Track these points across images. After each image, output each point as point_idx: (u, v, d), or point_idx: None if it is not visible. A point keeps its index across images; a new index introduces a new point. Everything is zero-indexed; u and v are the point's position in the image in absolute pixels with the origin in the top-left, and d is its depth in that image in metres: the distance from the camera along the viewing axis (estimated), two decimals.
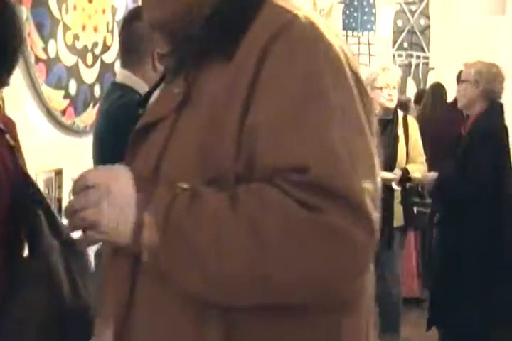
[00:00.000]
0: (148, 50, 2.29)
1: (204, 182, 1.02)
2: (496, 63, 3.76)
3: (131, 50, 2.32)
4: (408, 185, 4.08)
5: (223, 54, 1.08)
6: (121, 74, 2.36)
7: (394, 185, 3.92)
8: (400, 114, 4.14)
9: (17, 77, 2.93)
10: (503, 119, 3.62)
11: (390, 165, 3.96)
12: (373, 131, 1.08)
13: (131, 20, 2.34)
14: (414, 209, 4.15)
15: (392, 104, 4.00)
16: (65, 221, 3.36)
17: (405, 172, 4.02)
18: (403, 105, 5.22)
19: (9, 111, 2.83)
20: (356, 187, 0.98)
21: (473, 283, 3.47)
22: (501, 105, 3.64)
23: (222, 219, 0.98)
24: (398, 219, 4.01)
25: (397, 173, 3.95)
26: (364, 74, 4.22)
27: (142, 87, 2.30)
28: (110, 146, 2.23)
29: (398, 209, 4.02)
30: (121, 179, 1.04)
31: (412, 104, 6.40)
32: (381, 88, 3.95)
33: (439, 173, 3.81)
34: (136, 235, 1.00)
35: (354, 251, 0.97)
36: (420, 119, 6.11)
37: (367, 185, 0.99)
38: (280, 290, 0.98)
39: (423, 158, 4.12)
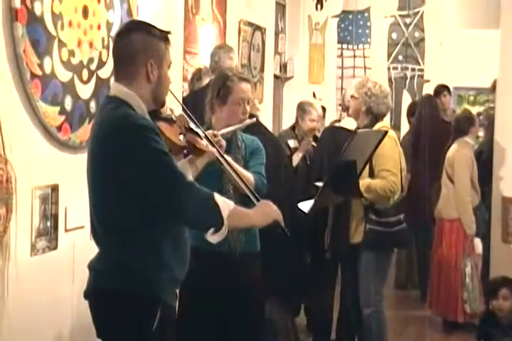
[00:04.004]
0: (143, 61, 2.32)
1: None
2: None
3: (126, 62, 2.34)
4: (365, 200, 3.86)
5: None
6: (114, 87, 2.37)
7: None
8: (376, 127, 4.08)
9: (13, 93, 2.94)
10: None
11: None
12: None
13: (126, 33, 2.36)
14: (367, 227, 3.87)
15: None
16: (63, 234, 3.35)
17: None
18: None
19: (5, 127, 2.84)
20: None
21: None
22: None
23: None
24: (357, 235, 3.90)
25: None
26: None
27: (135, 100, 2.32)
28: (108, 155, 2.24)
29: (357, 225, 3.90)
30: None
31: None
32: None
33: None
34: None
35: None
36: (414, 131, 6.15)
37: None
38: None
39: (386, 172, 3.87)
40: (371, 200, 3.88)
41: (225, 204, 2.27)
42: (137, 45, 2.32)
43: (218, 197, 2.28)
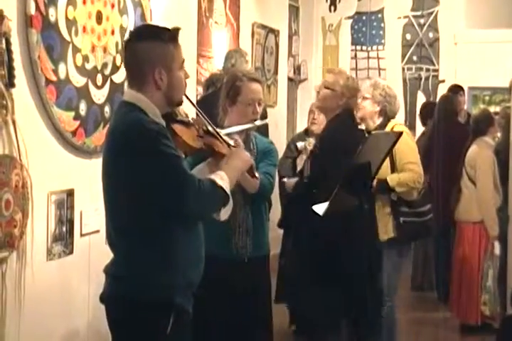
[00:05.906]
0: (150, 70, 2.32)
1: None
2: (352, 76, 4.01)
3: (134, 71, 2.35)
4: (394, 194, 3.94)
5: None
6: (127, 93, 2.39)
7: None
8: (390, 125, 4.13)
9: (28, 99, 2.97)
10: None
11: None
12: None
13: (132, 42, 2.36)
14: (401, 220, 3.95)
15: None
16: (78, 239, 3.35)
17: (384, 182, 3.90)
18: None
19: (21, 133, 2.86)
20: None
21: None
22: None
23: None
24: (388, 231, 3.94)
25: None
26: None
27: (147, 104, 2.33)
28: (120, 162, 2.26)
29: (386, 221, 3.95)
30: None
31: None
32: None
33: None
34: None
35: None
36: (429, 132, 6.11)
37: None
38: None
39: (412, 165, 3.97)
40: (400, 194, 3.94)
41: (223, 181, 2.34)
42: (142, 54, 2.31)
43: (218, 180, 2.33)
